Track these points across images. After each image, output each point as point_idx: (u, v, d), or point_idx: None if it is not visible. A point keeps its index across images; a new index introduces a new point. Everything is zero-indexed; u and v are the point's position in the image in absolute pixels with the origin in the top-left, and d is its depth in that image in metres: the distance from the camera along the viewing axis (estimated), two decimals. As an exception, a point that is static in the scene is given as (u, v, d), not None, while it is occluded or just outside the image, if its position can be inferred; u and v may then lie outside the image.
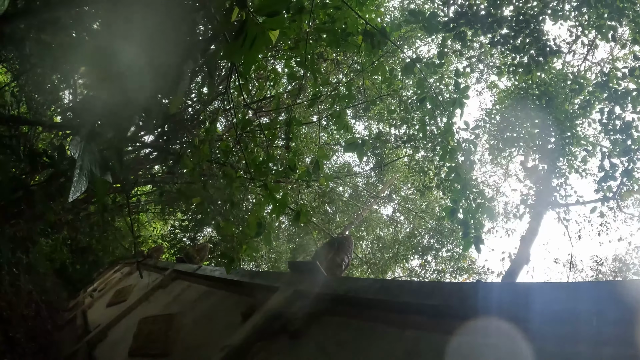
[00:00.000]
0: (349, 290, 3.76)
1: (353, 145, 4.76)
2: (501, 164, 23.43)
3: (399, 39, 15.50)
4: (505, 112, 11.81)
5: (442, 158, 5.55)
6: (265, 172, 4.83)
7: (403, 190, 24.13)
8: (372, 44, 4.91)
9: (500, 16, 6.99)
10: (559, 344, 2.07)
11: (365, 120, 21.93)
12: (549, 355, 2.08)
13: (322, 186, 15.01)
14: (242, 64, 3.95)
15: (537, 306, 2.27)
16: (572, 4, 7.49)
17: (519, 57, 7.54)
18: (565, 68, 12.38)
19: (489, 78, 20.55)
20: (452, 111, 5.40)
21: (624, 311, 1.90)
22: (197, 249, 10.83)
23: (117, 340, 7.88)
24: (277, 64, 13.60)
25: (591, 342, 1.95)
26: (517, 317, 2.32)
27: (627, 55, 11.63)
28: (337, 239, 5.57)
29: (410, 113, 12.14)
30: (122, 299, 10.40)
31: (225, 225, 4.82)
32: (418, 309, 2.98)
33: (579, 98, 10.32)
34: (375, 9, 5.97)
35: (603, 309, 1.97)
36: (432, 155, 13.70)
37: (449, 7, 7.55)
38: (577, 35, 8.93)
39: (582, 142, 10.96)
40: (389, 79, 5.59)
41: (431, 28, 4.68)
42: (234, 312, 5.02)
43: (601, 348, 1.90)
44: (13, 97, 7.59)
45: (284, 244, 22.35)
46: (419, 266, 22.71)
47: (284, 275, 5.26)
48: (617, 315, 1.91)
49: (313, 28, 5.64)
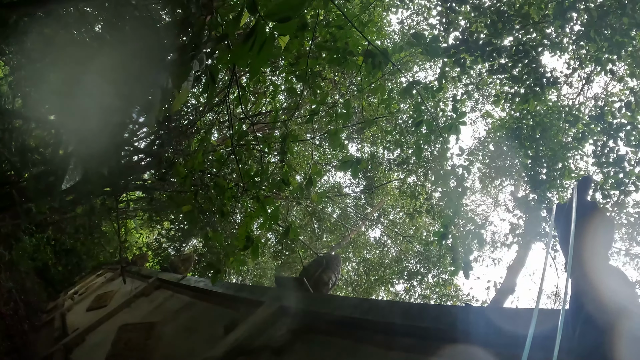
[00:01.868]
0: (335, 309, 3.72)
1: (348, 164, 4.74)
2: (491, 194, 23.53)
3: (398, 62, 15.62)
4: (498, 141, 11.88)
5: (435, 182, 5.56)
6: (258, 185, 4.81)
7: (392, 214, 24.12)
8: (373, 64, 4.92)
9: (500, 45, 7.06)
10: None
11: (358, 142, 22.01)
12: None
13: (314, 203, 14.98)
14: (247, 71, 3.95)
15: (524, 331, 2.24)
16: (571, 37, 7.59)
17: (517, 86, 7.61)
18: (560, 101, 12.51)
19: (483, 107, 20.74)
20: (448, 136, 5.41)
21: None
22: (183, 259, 10.72)
23: (95, 345, 7.75)
24: (277, 79, 13.65)
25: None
26: (504, 343, 2.30)
27: (622, 90, 11.79)
28: (325, 257, 5.54)
29: (404, 136, 12.19)
30: (102, 304, 10.25)
31: (214, 235, 4.78)
32: (406, 330, 2.95)
33: (573, 130, 10.42)
34: (377, 31, 6.02)
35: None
36: (424, 180, 13.73)
37: (449, 34, 7.62)
38: (575, 68, 9.03)
39: (573, 174, 11.02)
40: (386, 100, 5.61)
41: (432, 52, 4.71)
42: (217, 324, 4.96)
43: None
44: (10, 89, 7.52)
45: (269, 260, 22.21)
46: (404, 290, 22.62)
47: (270, 290, 5.21)
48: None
49: (314, 45, 5.66)
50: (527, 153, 10.91)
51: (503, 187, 18.97)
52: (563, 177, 10.76)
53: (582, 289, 2.09)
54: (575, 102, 12.68)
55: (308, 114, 5.62)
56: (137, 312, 8.23)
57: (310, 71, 5.34)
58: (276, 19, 2.09)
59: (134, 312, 8.33)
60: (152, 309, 7.80)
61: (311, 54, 5.47)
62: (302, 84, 5.54)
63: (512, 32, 7.39)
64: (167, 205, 10.07)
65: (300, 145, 18.39)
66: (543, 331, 2.08)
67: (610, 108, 8.33)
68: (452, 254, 5.56)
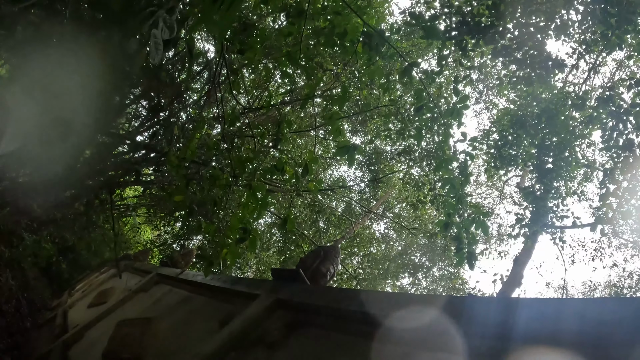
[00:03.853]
0: (331, 301, 3.55)
1: (344, 149, 4.56)
2: (497, 186, 23.36)
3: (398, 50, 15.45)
4: (503, 130, 11.67)
5: (437, 168, 5.37)
6: (250, 171, 4.64)
7: (396, 208, 23.99)
8: (370, 46, 4.75)
9: (503, 28, 6.84)
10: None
11: (362, 135, 21.88)
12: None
13: (312, 192, 14.85)
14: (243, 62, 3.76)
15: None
16: (577, 17, 7.36)
17: (522, 71, 7.40)
18: (566, 87, 12.29)
19: (488, 99, 20.56)
20: (449, 121, 5.23)
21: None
22: (183, 254, 10.59)
23: (93, 341, 7.64)
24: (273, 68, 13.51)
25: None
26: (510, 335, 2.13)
27: (631, 73, 11.62)
28: (323, 247, 5.37)
29: (407, 125, 12.00)
30: (103, 300, 10.16)
31: (207, 226, 4.61)
32: (405, 324, 2.77)
33: (580, 117, 10.22)
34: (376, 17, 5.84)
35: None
36: (427, 170, 13.55)
37: (451, 17, 7.40)
38: (581, 53, 8.80)
39: (580, 163, 10.84)
40: (385, 85, 5.43)
41: (431, 33, 4.51)
42: (213, 318, 4.82)
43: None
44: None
45: (274, 255, 22.14)
46: (409, 284, 22.53)
47: (266, 283, 5.07)
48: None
49: (312, 31, 5.50)
50: (532, 142, 10.71)
51: (509, 178, 18.79)
52: (570, 165, 10.56)
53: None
54: (581, 89, 12.44)
55: (304, 98, 5.45)
56: (136, 308, 8.13)
57: (306, 56, 5.17)
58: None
59: (133, 308, 8.23)
60: (151, 304, 7.69)
61: (308, 39, 5.31)
62: (296, 68, 5.37)
63: (516, 15, 7.17)
64: (165, 199, 9.94)
65: (303, 139, 18.25)
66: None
67: (618, 90, 8.12)
68: (456, 244, 5.40)
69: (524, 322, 2.11)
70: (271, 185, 12.99)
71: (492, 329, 2.23)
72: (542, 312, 2.12)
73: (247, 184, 4.52)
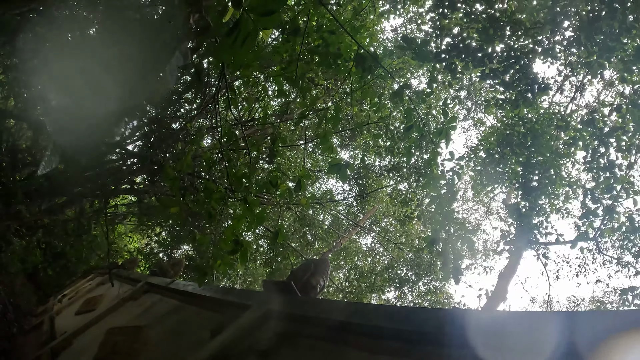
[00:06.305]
0: (321, 312, 3.69)
1: (337, 167, 4.72)
2: (483, 202, 23.65)
3: (390, 69, 15.71)
4: (490, 148, 11.93)
5: (425, 186, 5.54)
6: (246, 186, 4.78)
7: (383, 222, 24.19)
8: (364, 68, 4.92)
9: (492, 51, 7.08)
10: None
11: (350, 150, 22.10)
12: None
13: (303, 206, 14.96)
14: (238, 76, 3.92)
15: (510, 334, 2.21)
16: (563, 42, 7.63)
17: (508, 93, 7.64)
18: (552, 108, 12.58)
19: (476, 116, 20.90)
20: (438, 140, 5.41)
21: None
22: (172, 263, 10.64)
23: (82, 348, 7.66)
24: (269, 86, 13.64)
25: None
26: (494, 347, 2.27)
27: (613, 98, 11.90)
28: (313, 260, 5.50)
29: (396, 143, 12.21)
30: (91, 307, 10.16)
31: (201, 238, 4.74)
32: (393, 334, 2.91)
33: (564, 137, 10.50)
34: (369, 36, 6.02)
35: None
36: (415, 186, 13.74)
37: (441, 39, 7.64)
38: (566, 75, 9.08)
39: (564, 181, 11.09)
40: (376, 104, 5.61)
41: (422, 56, 4.70)
42: (204, 328, 4.90)
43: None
44: (1, 86, 7.47)
45: (261, 267, 22.18)
46: (395, 298, 22.62)
47: (257, 294, 5.17)
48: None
49: (306, 49, 5.65)
50: (518, 160, 10.96)
51: (495, 194, 19.07)
52: (554, 184, 10.82)
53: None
54: (567, 109, 12.76)
55: (298, 116, 5.61)
56: (125, 316, 8.15)
57: (301, 74, 5.33)
58: (260, 12, 2.09)
59: (122, 316, 8.24)
60: (140, 312, 7.72)
61: (303, 57, 5.46)
62: (292, 87, 5.53)
63: (504, 39, 7.42)
64: (157, 208, 10.01)
65: (293, 152, 18.37)
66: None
67: (601, 113, 8.39)
68: (442, 259, 5.54)
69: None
70: (261, 198, 13.11)
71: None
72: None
73: (242, 199, 4.66)
